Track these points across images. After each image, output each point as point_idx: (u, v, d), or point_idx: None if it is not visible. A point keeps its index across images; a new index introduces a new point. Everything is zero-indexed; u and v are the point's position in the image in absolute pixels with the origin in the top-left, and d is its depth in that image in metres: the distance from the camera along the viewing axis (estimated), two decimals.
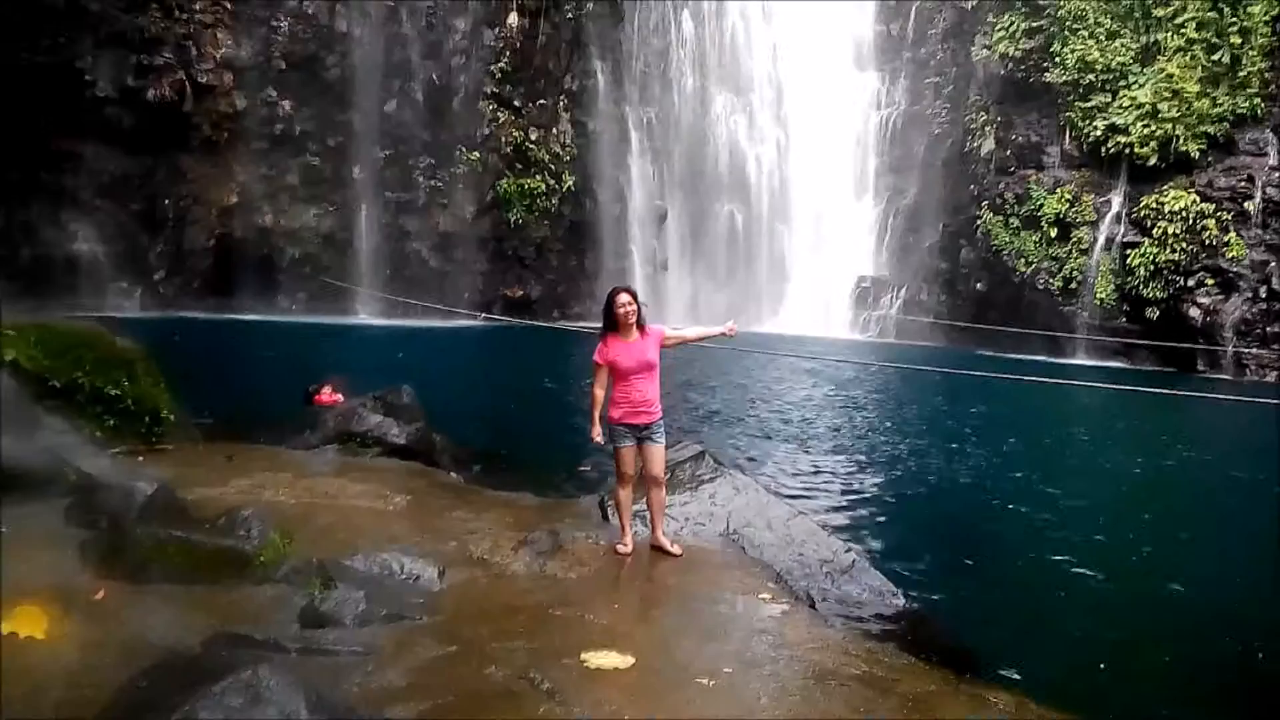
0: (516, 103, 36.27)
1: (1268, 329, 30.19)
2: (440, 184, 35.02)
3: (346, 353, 22.14)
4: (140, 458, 7.81)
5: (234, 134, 32.19)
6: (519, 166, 36.10)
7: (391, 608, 5.11)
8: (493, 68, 35.42)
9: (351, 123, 33.53)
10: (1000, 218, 36.17)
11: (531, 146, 36.26)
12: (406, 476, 8.59)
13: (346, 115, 33.46)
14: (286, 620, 4.84)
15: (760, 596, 6.16)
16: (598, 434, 6.66)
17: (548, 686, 4.29)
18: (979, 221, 36.81)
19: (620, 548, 6.72)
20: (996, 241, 36.08)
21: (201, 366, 15.76)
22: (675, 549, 6.70)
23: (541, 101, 36.85)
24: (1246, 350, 30.11)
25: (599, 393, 6.67)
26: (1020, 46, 36.05)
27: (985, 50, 37.40)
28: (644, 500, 6.95)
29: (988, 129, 37.51)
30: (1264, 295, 30.40)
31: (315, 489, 7.62)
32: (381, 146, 34.17)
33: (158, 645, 3.96)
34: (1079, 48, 34.45)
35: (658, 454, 6.67)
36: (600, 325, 6.75)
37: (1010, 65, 36.41)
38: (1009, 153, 36.69)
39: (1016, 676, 5.44)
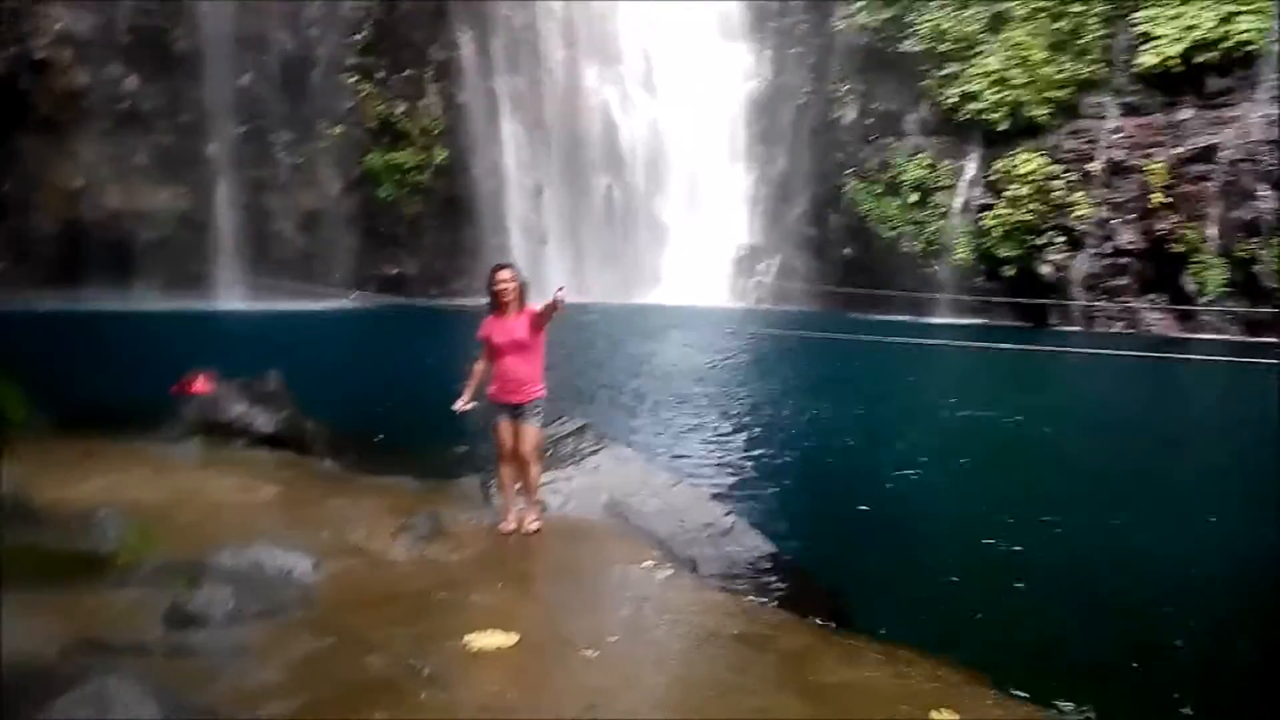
0: (380, 75, 35.18)
1: (1113, 282, 32.12)
2: (302, 160, 33.74)
3: (208, 340, 21.18)
4: None
5: (77, 113, 30.14)
6: (386, 140, 35.11)
7: (263, 603, 4.96)
8: (353, 39, 34.24)
9: (203, 98, 31.85)
10: (864, 184, 37.25)
11: (398, 119, 35.30)
12: (276, 467, 8.34)
13: (198, 91, 31.73)
14: (150, 623, 4.64)
15: (643, 565, 6.25)
16: (460, 404, 6.64)
17: (429, 672, 4.26)
18: (845, 189, 37.84)
19: (503, 527, 6.71)
20: (862, 208, 37.16)
21: (52, 360, 14.85)
22: (530, 527, 6.70)
23: (407, 73, 35.85)
24: (1094, 304, 32.01)
25: (477, 367, 6.70)
26: (878, 17, 37.03)
27: (845, 21, 38.28)
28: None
29: (850, 98, 38.48)
30: (1109, 251, 32.28)
31: (177, 484, 7.32)
32: (237, 122, 32.59)
33: (9, 657, 3.73)
34: (933, 18, 35.66)
35: (528, 434, 6.66)
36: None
37: (869, 35, 37.39)
38: (870, 121, 37.76)
39: (889, 628, 5.67)
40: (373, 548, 6.20)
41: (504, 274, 6.60)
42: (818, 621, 5.62)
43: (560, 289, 6.33)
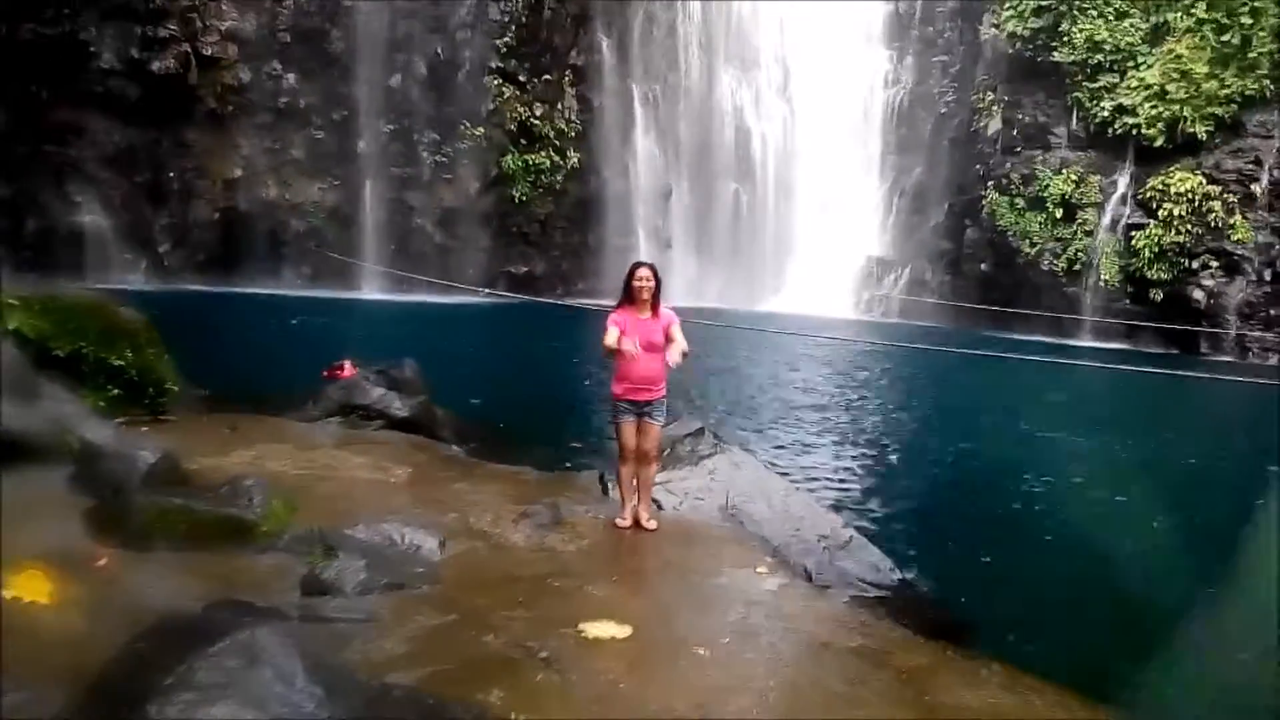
0: (521, 78, 36.01)
1: (1271, 312, 30.09)
2: (444, 159, 34.86)
3: (350, 327, 22.17)
4: (143, 428, 7.85)
5: (238, 107, 32.01)
6: (523, 142, 35.89)
7: (392, 577, 5.17)
8: (498, 42, 35.14)
9: (356, 97, 33.31)
10: (1006, 198, 35.99)
11: (536, 122, 36.05)
12: (408, 449, 8.65)
13: (351, 89, 33.23)
14: (288, 588, 4.90)
15: (757, 570, 6.22)
16: (628, 347, 6.47)
17: (545, 655, 4.35)
18: (984, 202, 36.62)
19: (619, 521, 6.80)
20: (1001, 222, 35.90)
21: (206, 339, 15.80)
22: (650, 525, 6.80)
23: (547, 77, 36.59)
24: (1249, 333, 30.03)
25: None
26: (1029, 25, 35.69)
27: (994, 29, 37.08)
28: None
29: (994, 109, 37.24)
30: (1268, 278, 30.28)
31: (317, 460, 7.68)
32: (386, 121, 33.97)
33: (159, 610, 4.01)
34: (1088, 27, 34.15)
35: (652, 432, 6.78)
36: (608, 302, 6.84)
37: (1018, 44, 36.08)
38: (1015, 133, 36.44)
39: (1009, 651, 5.48)
40: (495, 532, 6.37)
41: (644, 271, 6.77)
42: (936, 641, 5.47)
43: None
